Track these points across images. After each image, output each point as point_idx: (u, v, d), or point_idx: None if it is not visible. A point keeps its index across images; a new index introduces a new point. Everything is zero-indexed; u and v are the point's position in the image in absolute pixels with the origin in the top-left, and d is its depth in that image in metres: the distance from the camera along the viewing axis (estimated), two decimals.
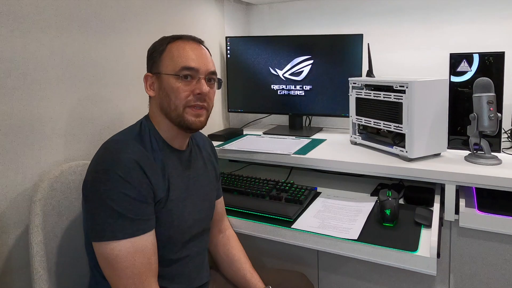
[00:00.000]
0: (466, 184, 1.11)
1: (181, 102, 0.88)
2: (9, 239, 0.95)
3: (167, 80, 0.88)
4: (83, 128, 1.14)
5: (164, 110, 0.90)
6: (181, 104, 0.88)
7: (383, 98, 1.31)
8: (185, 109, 0.88)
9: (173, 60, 0.88)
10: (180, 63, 0.88)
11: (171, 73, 0.88)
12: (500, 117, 1.17)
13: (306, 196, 1.26)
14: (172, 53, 0.89)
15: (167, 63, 0.89)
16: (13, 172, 0.95)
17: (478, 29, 1.58)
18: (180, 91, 0.87)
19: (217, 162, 1.13)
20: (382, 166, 1.21)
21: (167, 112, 0.90)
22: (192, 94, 0.88)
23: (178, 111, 0.88)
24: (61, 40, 1.06)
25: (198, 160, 1.03)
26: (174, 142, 0.94)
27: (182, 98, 0.88)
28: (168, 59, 0.89)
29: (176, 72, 0.88)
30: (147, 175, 0.82)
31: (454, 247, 1.17)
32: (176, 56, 0.89)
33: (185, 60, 0.88)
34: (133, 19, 1.30)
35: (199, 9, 1.67)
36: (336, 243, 1.05)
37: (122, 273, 0.77)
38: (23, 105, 0.97)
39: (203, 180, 1.02)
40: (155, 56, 0.92)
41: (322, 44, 1.71)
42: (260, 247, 1.42)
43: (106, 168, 0.79)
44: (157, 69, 0.91)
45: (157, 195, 0.85)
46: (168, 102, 0.88)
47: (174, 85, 0.87)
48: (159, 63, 0.90)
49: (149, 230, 0.82)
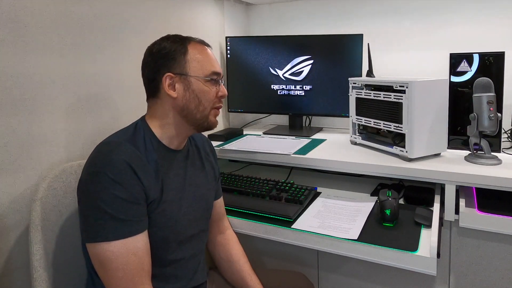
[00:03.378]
0: (466, 184, 1.11)
1: (210, 104, 0.94)
2: (9, 238, 0.95)
3: (196, 82, 0.91)
4: (83, 128, 1.14)
5: (187, 111, 0.92)
6: (209, 106, 0.94)
7: (383, 98, 1.31)
8: (211, 111, 0.94)
9: (201, 64, 0.92)
10: (209, 68, 0.93)
11: (202, 76, 0.92)
12: (500, 117, 1.17)
13: (306, 196, 1.26)
14: (197, 56, 0.92)
15: (195, 66, 0.91)
16: (13, 172, 0.95)
17: (478, 29, 1.58)
18: (210, 93, 0.93)
19: (216, 162, 1.12)
20: (382, 166, 1.21)
21: (192, 114, 0.92)
22: (216, 97, 0.95)
23: (206, 112, 0.93)
24: (61, 40, 1.06)
25: (195, 160, 1.03)
26: (173, 142, 0.95)
27: (211, 100, 0.93)
28: (195, 62, 0.91)
29: (206, 75, 0.92)
30: (139, 176, 0.82)
31: (454, 247, 1.17)
32: (203, 60, 0.92)
33: (213, 65, 0.94)
34: (133, 19, 1.30)
35: (199, 9, 1.67)
36: (336, 243, 1.05)
37: (114, 274, 0.78)
38: (23, 105, 0.97)
39: (200, 180, 1.02)
40: (175, 56, 0.90)
41: (322, 44, 1.71)
42: (260, 247, 1.42)
43: (97, 170, 0.80)
44: (181, 70, 0.90)
45: (149, 196, 0.85)
46: (197, 104, 0.92)
47: (205, 88, 0.92)
48: (184, 64, 0.90)
49: (141, 231, 0.82)
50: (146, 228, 0.84)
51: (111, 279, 0.78)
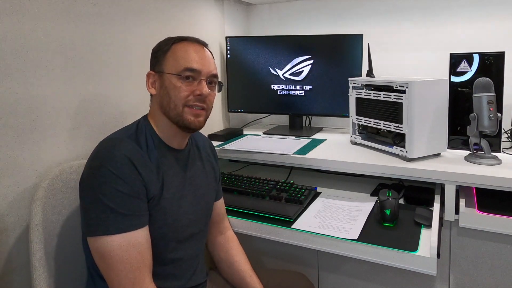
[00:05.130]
0: (466, 184, 1.11)
1: (181, 101, 0.90)
2: (9, 238, 0.95)
3: (169, 79, 0.90)
4: (83, 127, 1.14)
5: (163, 108, 0.92)
6: (181, 103, 0.90)
7: (383, 98, 1.31)
8: (184, 108, 0.90)
9: (176, 60, 0.91)
10: (183, 64, 0.90)
11: (174, 73, 0.90)
12: (500, 117, 1.17)
13: (306, 196, 1.26)
14: (175, 54, 0.91)
15: (170, 63, 0.91)
16: (13, 172, 0.95)
17: (478, 29, 1.58)
18: (180, 90, 0.89)
19: (217, 163, 1.13)
20: (382, 166, 1.21)
21: (167, 111, 0.91)
22: (192, 95, 0.90)
23: (178, 109, 0.90)
24: (62, 41, 1.06)
25: (196, 160, 1.03)
26: (172, 141, 0.95)
27: (182, 97, 0.89)
28: (171, 59, 0.91)
29: (178, 72, 0.90)
30: (139, 172, 0.83)
31: (454, 247, 1.17)
32: (179, 57, 0.91)
33: (188, 61, 0.90)
34: (133, 19, 1.30)
35: (199, 9, 1.67)
36: (336, 243, 1.05)
37: (115, 267, 0.78)
38: (23, 105, 0.97)
39: (201, 180, 1.02)
40: (159, 55, 0.93)
41: (322, 44, 1.71)
42: (260, 247, 1.42)
43: (99, 164, 0.81)
44: (160, 68, 0.92)
45: (149, 191, 0.85)
46: (168, 101, 0.90)
47: (176, 84, 0.90)
48: (163, 62, 0.92)
49: (142, 226, 0.83)
50: (147, 223, 0.85)
51: (111, 272, 0.78)
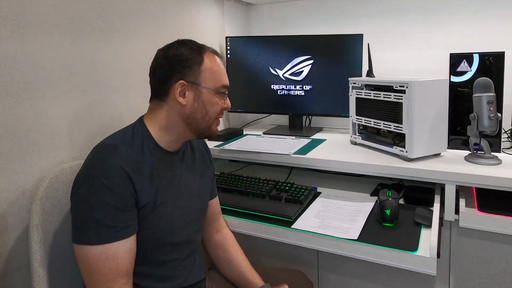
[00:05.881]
0: (466, 184, 1.11)
1: (215, 115, 0.96)
2: (9, 238, 0.95)
3: (207, 93, 0.93)
4: (83, 128, 1.14)
5: (192, 119, 0.93)
6: (214, 117, 0.96)
7: (383, 98, 1.31)
8: (214, 121, 0.97)
9: (214, 76, 0.93)
10: (221, 81, 0.95)
11: (212, 88, 0.93)
12: (500, 117, 1.17)
13: (306, 196, 1.26)
14: (211, 68, 0.93)
15: (208, 77, 0.92)
16: (13, 172, 0.95)
17: (478, 29, 1.58)
18: (217, 105, 0.95)
19: (211, 162, 1.13)
20: (382, 166, 1.21)
21: (197, 122, 0.93)
22: (221, 109, 0.97)
23: (209, 122, 0.96)
24: (62, 43, 1.06)
25: (190, 161, 1.03)
26: (169, 146, 0.95)
27: (217, 112, 0.96)
28: (209, 74, 0.93)
29: (217, 88, 0.94)
30: (133, 181, 0.83)
31: (454, 247, 1.17)
32: (216, 72, 0.94)
33: (224, 78, 0.96)
34: (133, 20, 1.30)
35: (199, 9, 1.67)
36: (336, 243, 1.05)
37: (92, 276, 0.80)
38: (23, 105, 0.97)
39: (196, 180, 1.03)
40: (191, 64, 0.91)
41: (322, 44, 1.71)
42: (260, 247, 1.42)
43: (91, 173, 0.81)
44: (195, 79, 0.91)
45: (141, 201, 0.85)
46: (203, 114, 0.93)
47: (213, 100, 0.94)
48: (198, 74, 0.91)
49: (125, 237, 0.83)
50: (134, 232, 0.85)
51: (89, 279, 0.81)
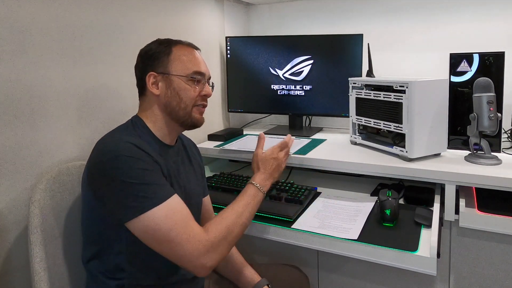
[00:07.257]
0: (466, 184, 1.11)
1: (191, 101, 0.96)
2: (8, 238, 0.95)
3: (177, 81, 0.95)
4: (80, 129, 1.14)
5: (170, 107, 0.95)
6: (191, 104, 0.96)
7: (383, 98, 1.31)
8: (193, 108, 0.97)
9: (184, 64, 0.96)
10: (192, 67, 0.96)
11: (183, 75, 0.95)
12: (500, 117, 1.17)
13: (306, 196, 1.26)
14: (181, 57, 0.96)
15: (177, 65, 0.95)
16: (12, 173, 0.95)
17: (478, 29, 1.58)
18: (191, 91, 0.96)
19: (202, 161, 1.17)
20: (382, 166, 1.21)
21: (174, 110, 0.95)
22: (199, 95, 0.98)
23: (187, 109, 0.96)
24: (59, 44, 1.06)
25: (184, 157, 1.07)
26: (166, 138, 0.99)
27: (192, 98, 0.96)
28: (178, 62, 0.95)
29: (188, 74, 0.95)
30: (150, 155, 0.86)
31: (454, 247, 1.17)
32: (186, 60, 0.96)
33: (197, 65, 0.97)
34: (132, 20, 1.30)
35: (199, 9, 1.67)
36: (336, 243, 1.05)
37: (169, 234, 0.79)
38: (22, 107, 0.97)
39: (191, 176, 1.05)
40: (159, 56, 0.95)
41: (322, 44, 1.70)
42: (259, 247, 1.42)
43: (113, 156, 0.82)
44: (164, 69, 0.95)
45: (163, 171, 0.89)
46: (178, 101, 0.95)
47: (186, 86, 0.95)
48: (167, 64, 0.95)
49: (175, 192, 0.86)
50: None
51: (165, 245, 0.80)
